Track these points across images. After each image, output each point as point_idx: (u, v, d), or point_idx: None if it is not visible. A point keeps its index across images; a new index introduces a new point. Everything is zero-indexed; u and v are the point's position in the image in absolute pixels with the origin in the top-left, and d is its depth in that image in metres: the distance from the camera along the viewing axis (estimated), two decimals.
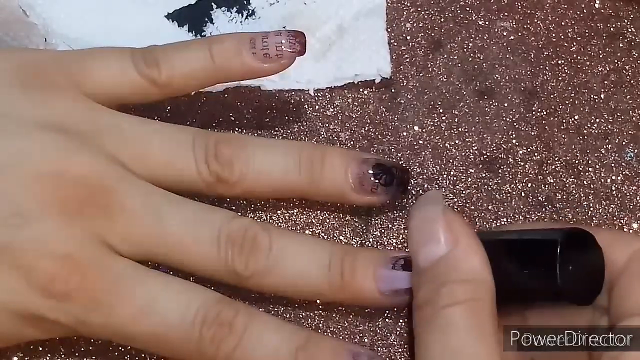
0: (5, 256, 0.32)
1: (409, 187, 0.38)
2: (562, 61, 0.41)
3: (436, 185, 0.39)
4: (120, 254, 0.34)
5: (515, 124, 0.40)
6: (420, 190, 0.39)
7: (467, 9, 0.42)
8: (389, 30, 0.41)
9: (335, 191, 0.36)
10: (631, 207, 0.39)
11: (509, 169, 0.40)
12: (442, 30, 0.42)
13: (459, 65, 0.41)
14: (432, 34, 0.42)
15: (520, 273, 0.31)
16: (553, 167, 0.40)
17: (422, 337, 0.30)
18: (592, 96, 0.41)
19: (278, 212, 0.39)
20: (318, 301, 0.37)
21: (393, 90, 0.41)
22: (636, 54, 0.41)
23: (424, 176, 0.40)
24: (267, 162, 0.36)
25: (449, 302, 0.30)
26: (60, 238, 0.33)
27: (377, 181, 0.36)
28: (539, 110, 0.41)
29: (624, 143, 0.40)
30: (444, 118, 0.40)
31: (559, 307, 0.32)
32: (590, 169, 0.40)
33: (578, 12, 0.42)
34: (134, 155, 0.35)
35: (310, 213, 0.39)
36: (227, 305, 0.33)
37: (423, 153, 0.40)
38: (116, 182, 0.34)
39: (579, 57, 0.41)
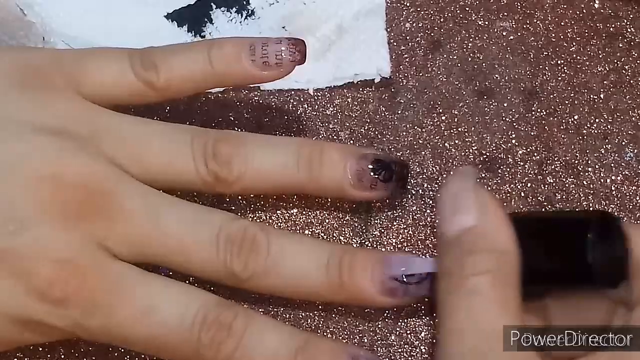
0: (4, 261, 0.32)
1: (408, 182, 0.38)
2: (562, 61, 0.41)
3: (436, 185, 0.39)
4: (119, 256, 0.34)
5: (515, 124, 0.40)
6: (420, 190, 0.39)
7: (467, 9, 0.42)
8: (388, 30, 0.41)
9: (335, 187, 0.36)
10: (631, 207, 0.39)
11: (508, 169, 0.40)
12: (442, 30, 0.42)
13: (459, 65, 0.41)
14: (432, 34, 0.42)
15: (548, 252, 0.32)
16: (553, 167, 0.40)
17: (447, 303, 0.30)
18: (591, 96, 0.41)
19: (278, 212, 0.39)
20: (317, 301, 0.37)
21: (393, 90, 0.41)
22: (636, 54, 0.41)
23: (424, 176, 0.40)
24: (265, 160, 0.35)
25: (474, 271, 0.30)
26: (59, 242, 0.33)
27: (376, 177, 0.36)
28: (539, 110, 0.41)
29: (623, 143, 0.40)
30: (443, 118, 0.40)
31: (582, 291, 0.32)
32: (590, 169, 0.40)
33: (578, 12, 0.42)
34: (132, 156, 0.35)
35: (310, 213, 0.39)
36: (226, 308, 0.33)
37: (423, 153, 0.40)
38: (115, 184, 0.34)
39: (578, 57, 0.41)
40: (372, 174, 0.36)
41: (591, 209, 0.39)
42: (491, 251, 0.30)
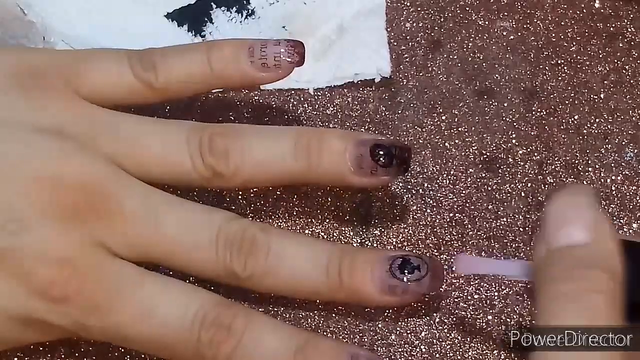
0: (5, 262, 0.32)
1: (410, 165, 0.36)
2: (562, 61, 0.41)
3: (436, 185, 0.39)
4: (119, 256, 0.34)
5: (515, 124, 0.40)
6: (420, 190, 0.39)
7: (467, 9, 0.42)
8: (389, 29, 0.41)
9: (335, 174, 0.35)
10: (631, 207, 0.39)
11: (508, 169, 0.40)
12: (442, 30, 0.42)
13: (459, 65, 0.41)
14: (432, 34, 0.42)
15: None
16: (553, 167, 0.40)
17: (561, 312, 0.29)
18: (592, 96, 0.41)
19: (278, 212, 0.39)
20: (318, 301, 0.37)
21: (393, 90, 0.41)
22: (636, 54, 0.41)
23: (424, 176, 0.39)
24: (263, 151, 0.35)
25: (591, 288, 0.30)
26: (59, 243, 0.33)
27: (376, 161, 0.35)
28: (539, 110, 0.41)
29: (623, 143, 0.40)
30: (443, 118, 0.40)
31: None
32: (590, 169, 0.40)
33: (578, 12, 0.42)
34: (131, 155, 0.35)
35: (310, 213, 0.39)
36: (226, 308, 0.33)
37: (423, 153, 0.40)
38: (114, 184, 0.34)
39: (578, 57, 0.41)
40: (371, 159, 0.35)
41: None
42: (606, 271, 0.30)
